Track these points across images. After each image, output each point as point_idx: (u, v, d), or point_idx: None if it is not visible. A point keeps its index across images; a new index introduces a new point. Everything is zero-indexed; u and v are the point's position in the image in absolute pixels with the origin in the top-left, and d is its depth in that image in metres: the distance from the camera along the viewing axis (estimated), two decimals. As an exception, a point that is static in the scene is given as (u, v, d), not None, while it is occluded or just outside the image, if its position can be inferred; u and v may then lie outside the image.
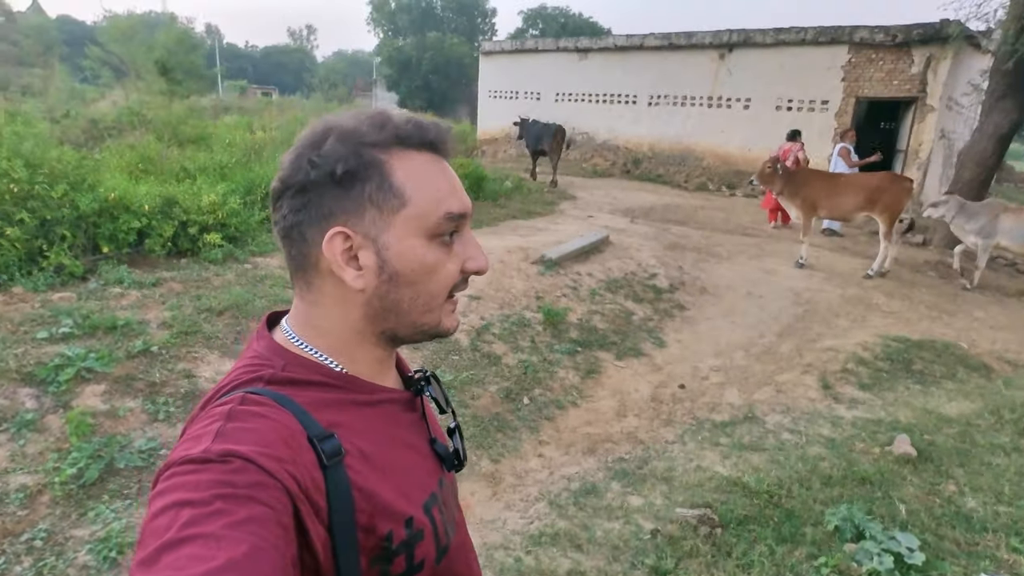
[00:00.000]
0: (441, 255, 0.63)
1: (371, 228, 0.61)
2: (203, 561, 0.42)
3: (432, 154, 0.65)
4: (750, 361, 4.61)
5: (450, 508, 0.72)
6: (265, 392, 0.58)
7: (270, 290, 4.03)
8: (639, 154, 14.62)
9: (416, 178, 0.62)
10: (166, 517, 0.45)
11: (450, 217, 0.63)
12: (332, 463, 0.56)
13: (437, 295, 0.64)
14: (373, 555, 0.58)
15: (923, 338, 5.22)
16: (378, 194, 0.61)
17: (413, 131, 0.63)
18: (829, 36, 11.55)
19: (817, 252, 7.83)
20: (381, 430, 0.65)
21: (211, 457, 0.49)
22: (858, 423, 3.72)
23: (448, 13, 47.78)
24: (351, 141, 0.61)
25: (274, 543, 0.46)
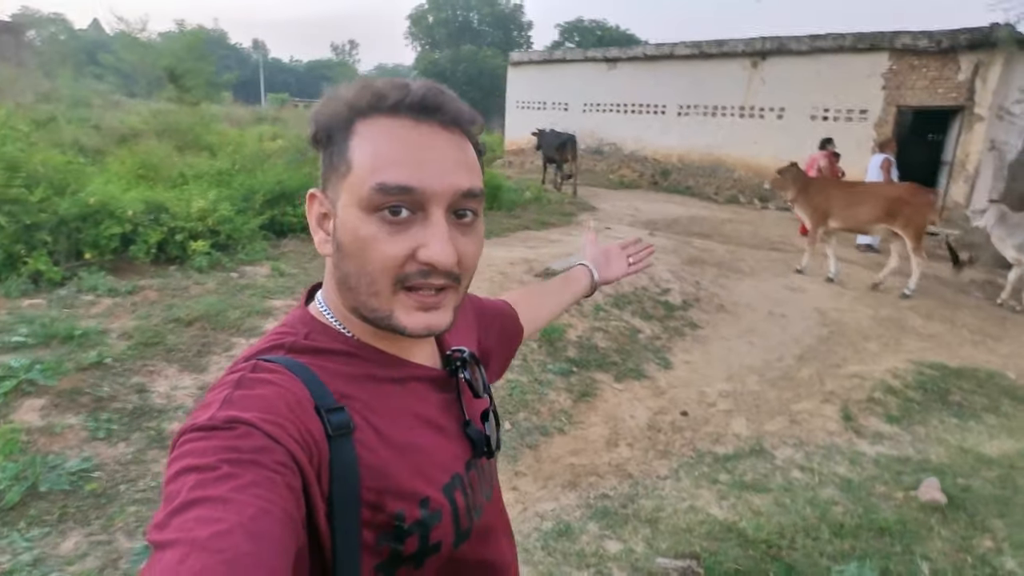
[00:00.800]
0: (378, 232, 0.57)
1: (332, 193, 0.60)
2: (211, 523, 0.42)
3: (411, 119, 0.58)
4: (764, 387, 4.22)
5: (478, 492, 0.69)
6: (280, 360, 0.58)
7: (248, 300, 3.85)
8: (668, 165, 14.21)
9: (366, 144, 0.58)
10: (176, 483, 0.46)
11: (383, 188, 0.56)
12: (337, 435, 0.55)
13: (376, 277, 0.58)
14: (382, 532, 0.57)
15: (963, 365, 4.74)
16: (336, 158, 0.59)
17: (392, 93, 0.58)
18: (868, 43, 11.00)
19: (849, 269, 7.34)
20: (402, 408, 0.63)
21: (217, 424, 0.49)
22: (881, 462, 3.31)
23: (485, 27, 48.16)
24: (335, 103, 0.60)
25: (282, 505, 0.46)
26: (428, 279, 0.59)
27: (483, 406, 0.73)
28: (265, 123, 16.10)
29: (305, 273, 4.56)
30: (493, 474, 0.76)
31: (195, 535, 0.41)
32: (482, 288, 4.87)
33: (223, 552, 0.41)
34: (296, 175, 5.88)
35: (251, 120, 17.04)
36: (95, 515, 2.29)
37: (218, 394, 0.54)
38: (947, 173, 10.66)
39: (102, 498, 2.36)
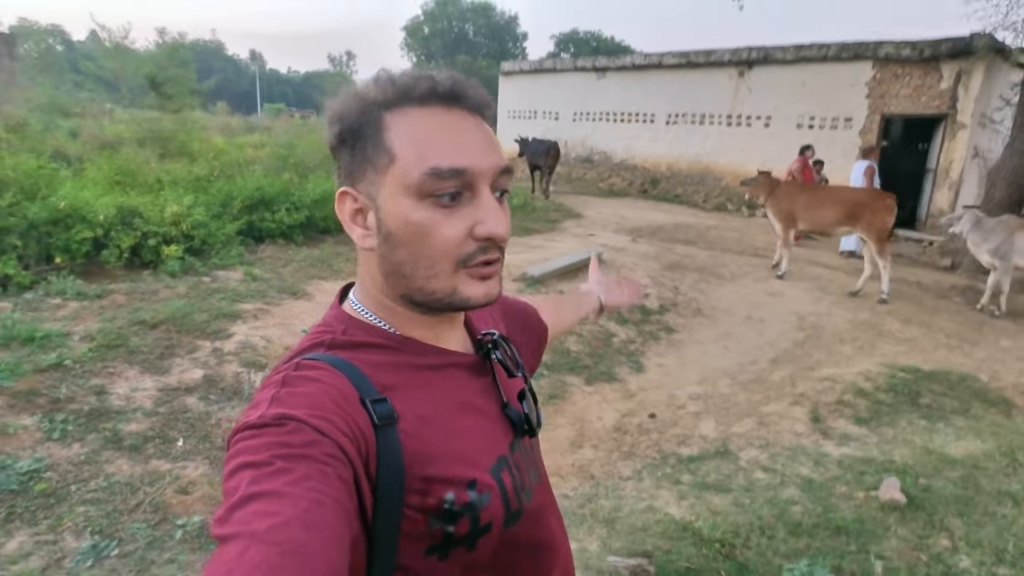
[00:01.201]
0: (434, 216, 0.59)
1: (370, 187, 0.61)
2: (269, 516, 0.44)
3: (442, 107, 0.61)
4: (735, 390, 4.23)
5: (525, 472, 0.70)
6: (321, 357, 0.59)
7: (217, 304, 3.85)
8: (657, 174, 14.28)
9: (407, 133, 0.59)
10: (233, 480, 0.47)
11: (436, 173, 0.58)
12: (383, 424, 0.56)
13: (437, 260, 0.60)
14: (433, 515, 0.58)
15: (936, 368, 4.75)
16: (373, 152, 0.60)
17: (416, 83, 0.60)
18: (852, 52, 11.11)
19: (831, 275, 7.38)
20: (443, 394, 0.64)
21: (267, 421, 0.51)
22: (845, 462, 3.32)
23: (480, 38, 48.50)
24: (356, 100, 0.61)
25: (334, 496, 0.47)
26: (485, 254, 0.61)
27: (519, 386, 0.74)
28: (257, 132, 16.18)
29: (279, 278, 4.57)
30: (538, 455, 0.77)
31: (254, 528, 0.43)
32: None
33: (281, 544, 0.43)
34: (276, 181, 5.91)
35: (243, 129, 17.11)
36: (43, 515, 2.28)
37: (265, 393, 0.56)
38: (931, 180, 10.74)
39: (52, 498, 2.35)
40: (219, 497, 2.56)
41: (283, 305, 4.05)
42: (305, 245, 5.72)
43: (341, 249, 5.66)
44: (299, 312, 3.97)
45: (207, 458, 2.71)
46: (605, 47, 42.30)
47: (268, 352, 3.47)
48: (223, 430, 2.88)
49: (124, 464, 2.58)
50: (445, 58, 40.69)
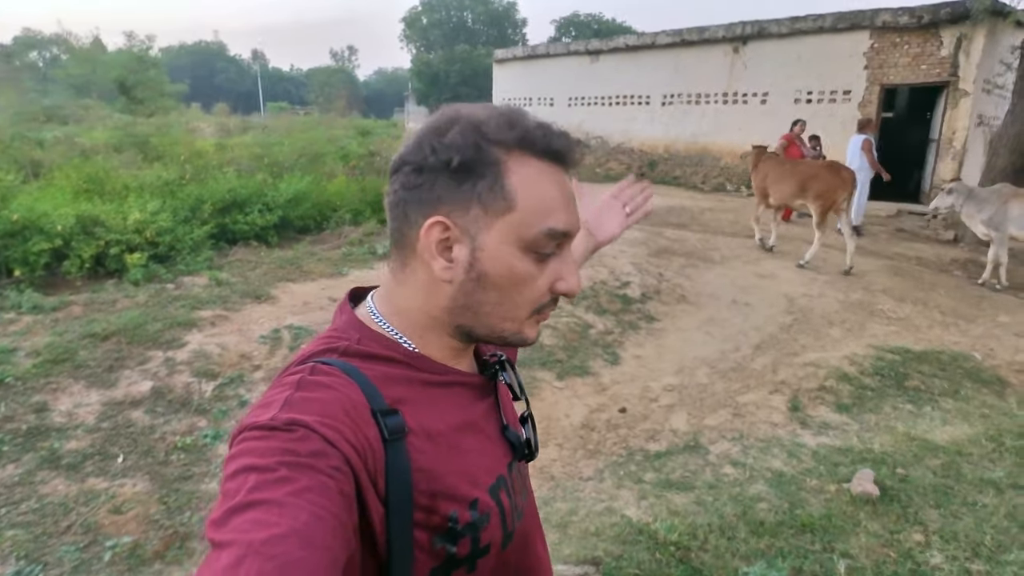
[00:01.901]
0: (533, 269, 0.61)
1: (471, 225, 0.60)
2: (267, 527, 0.43)
3: (554, 165, 0.63)
4: (713, 379, 4.09)
5: (519, 495, 0.70)
6: (336, 363, 0.59)
7: (175, 311, 3.78)
8: (654, 156, 14.05)
9: (529, 186, 0.60)
10: (236, 481, 0.47)
11: (551, 234, 0.61)
12: (393, 438, 0.56)
13: (520, 307, 0.63)
14: (437, 534, 0.58)
15: (928, 348, 4.58)
16: (488, 193, 0.60)
17: (539, 137, 0.61)
18: (849, 22, 10.78)
19: (827, 253, 7.17)
20: (450, 411, 0.64)
21: (277, 425, 0.50)
22: (820, 453, 3.18)
23: (479, 26, 48.01)
24: (475, 134, 0.60)
25: (334, 511, 0.47)
26: (556, 305, 0.65)
27: (520, 410, 0.75)
28: (250, 132, 16.13)
29: (245, 282, 4.48)
30: (528, 479, 0.78)
31: (251, 537, 0.43)
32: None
33: (276, 558, 0.42)
34: (250, 182, 5.82)
35: (240, 129, 17.07)
36: (-31, 540, 2.22)
37: (279, 394, 0.54)
38: (935, 151, 10.43)
39: (-20, 522, 2.29)
40: (153, 516, 2.50)
41: (244, 310, 3.97)
42: (279, 247, 5.64)
43: (315, 249, 5.58)
44: (259, 317, 3.89)
45: (147, 473, 2.64)
46: (607, 29, 41.63)
47: (222, 360, 3.39)
48: (167, 444, 2.81)
49: (60, 484, 2.52)
50: (445, 48, 40.32)
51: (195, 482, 2.65)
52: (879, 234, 8.40)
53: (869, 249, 7.58)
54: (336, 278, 4.77)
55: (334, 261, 5.17)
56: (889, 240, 8.14)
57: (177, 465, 2.71)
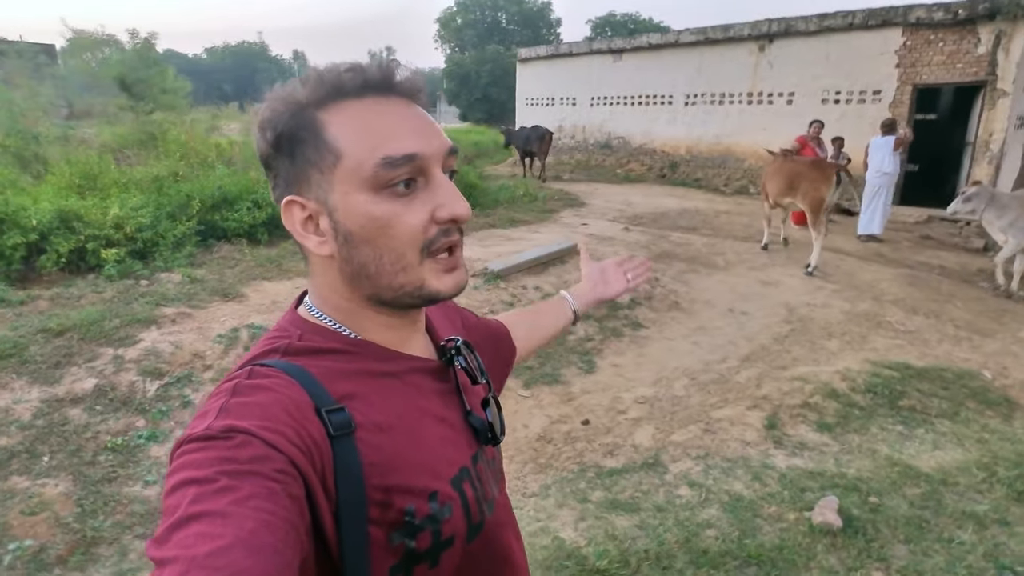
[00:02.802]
0: (394, 207, 0.58)
1: (319, 192, 0.58)
2: (210, 539, 0.42)
3: (378, 97, 0.59)
4: (691, 391, 3.88)
5: (487, 484, 0.68)
6: (276, 364, 0.57)
7: (138, 309, 3.76)
8: (676, 157, 13.71)
9: (349, 128, 0.57)
10: (175, 496, 0.45)
11: (389, 162, 0.56)
12: (339, 435, 0.54)
13: (403, 252, 0.59)
14: (394, 529, 0.56)
15: (932, 365, 4.27)
16: (315, 154, 0.57)
17: (351, 78, 0.58)
18: (880, 18, 10.29)
19: (841, 261, 6.83)
20: (403, 402, 0.62)
21: (213, 434, 0.49)
22: (789, 476, 2.95)
23: (513, 26, 47.94)
24: (283, 104, 0.58)
25: (283, 516, 0.45)
26: (448, 236, 0.60)
27: (482, 393, 0.72)
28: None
29: (219, 280, 4.45)
30: (500, 467, 0.75)
31: (194, 552, 0.41)
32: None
33: (221, 570, 0.40)
34: (242, 179, 5.82)
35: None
36: None
37: (215, 402, 0.53)
38: (970, 154, 9.87)
39: None
40: (65, 519, 2.45)
41: (209, 308, 3.93)
42: (268, 244, 5.62)
43: (296, 249, 5.53)
44: (223, 315, 3.84)
45: (72, 473, 2.60)
46: (643, 29, 41.07)
47: (173, 359, 3.34)
48: (98, 444, 2.76)
49: (-19, 481, 2.49)
50: (477, 48, 40.40)
51: (118, 484, 2.59)
52: (902, 241, 7.97)
53: (889, 257, 7.19)
54: (313, 277, 4.71)
55: (316, 260, 5.11)
56: (912, 248, 7.71)
57: (103, 466, 2.66)
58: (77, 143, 7.29)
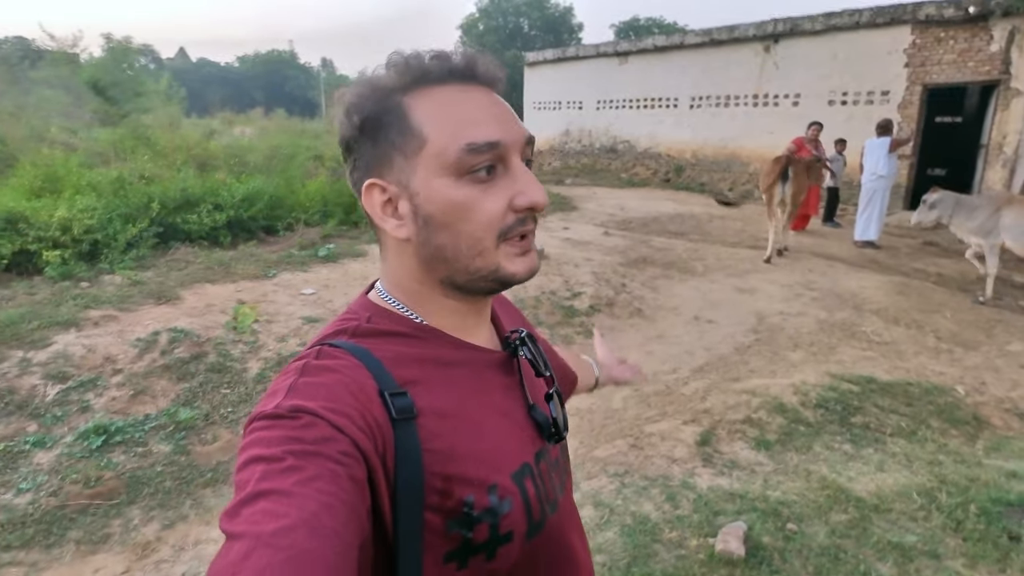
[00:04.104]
0: (474, 192, 0.58)
1: (400, 176, 0.60)
2: (276, 517, 0.43)
3: (461, 84, 0.60)
4: (630, 404, 3.68)
5: (550, 484, 0.67)
6: (344, 345, 0.58)
7: (66, 310, 3.72)
8: (681, 161, 13.42)
9: (434, 113, 0.58)
10: (245, 472, 0.47)
11: (473, 148, 0.57)
12: (401, 419, 0.55)
13: (481, 237, 0.59)
14: (452, 518, 0.56)
15: (899, 379, 3.99)
16: (400, 139, 0.59)
17: (436, 66, 0.60)
18: (888, 16, 9.91)
19: (828, 267, 6.53)
20: (466, 392, 0.62)
21: (281, 413, 0.50)
22: (706, 498, 2.74)
23: (535, 31, 47.91)
24: (370, 88, 0.60)
25: (344, 498, 0.46)
26: (524, 224, 0.61)
27: (546, 387, 0.71)
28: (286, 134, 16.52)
29: (162, 283, 4.39)
30: (566, 465, 0.75)
31: (260, 529, 0.42)
32: (332, 301, 4.57)
33: (285, 549, 0.41)
34: (208, 181, 5.80)
35: (278, 131, 17.55)
36: None
37: (284, 381, 0.54)
38: (983, 157, 9.41)
39: None
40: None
41: (139, 311, 3.87)
42: (230, 247, 5.58)
43: (259, 251, 5.47)
44: (150, 319, 3.77)
45: (-57, 480, 2.53)
46: (668, 33, 40.61)
47: (83, 362, 3.28)
48: (-22, 449, 2.69)
49: None
50: (497, 54, 40.45)
51: (-11, 491, 2.52)
52: (901, 248, 7.60)
53: (883, 264, 6.85)
54: (259, 280, 4.63)
55: (270, 263, 5.04)
56: (911, 254, 7.34)
57: (-20, 472, 2.58)
58: (56, 145, 7.38)
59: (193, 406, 3.16)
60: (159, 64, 62.18)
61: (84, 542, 2.36)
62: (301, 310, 4.18)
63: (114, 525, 2.46)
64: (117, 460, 2.76)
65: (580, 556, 0.72)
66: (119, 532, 2.43)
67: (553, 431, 0.68)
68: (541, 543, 0.63)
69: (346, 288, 4.65)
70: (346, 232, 6.33)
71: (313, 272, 4.97)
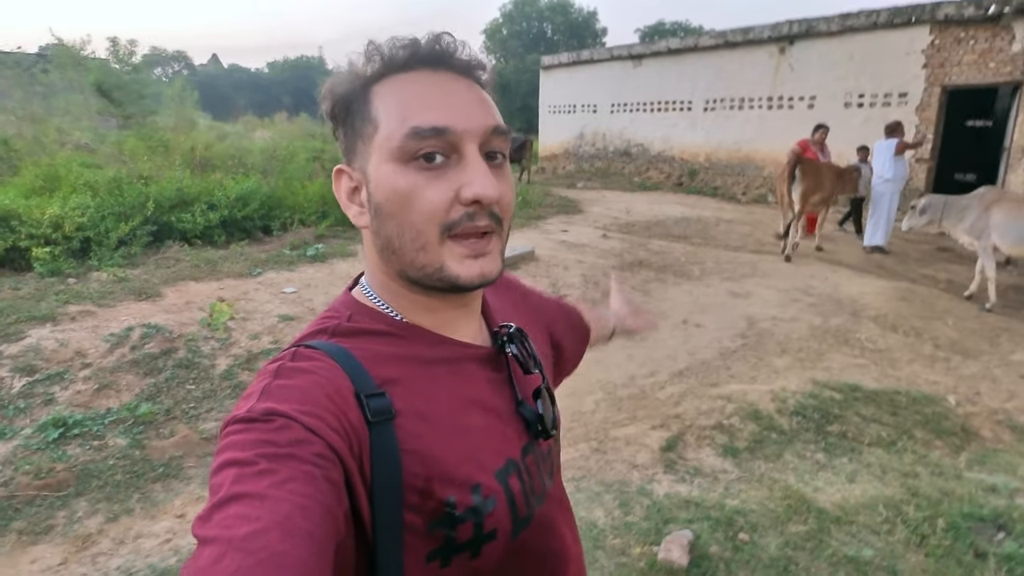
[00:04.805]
0: (417, 180, 0.55)
1: (360, 161, 0.59)
2: (248, 521, 0.42)
3: (428, 70, 0.58)
4: (601, 407, 3.61)
5: (537, 478, 0.65)
6: (322, 345, 0.57)
7: (46, 305, 3.78)
8: (695, 165, 13.24)
9: (390, 99, 0.57)
10: (219, 476, 0.46)
11: (416, 132, 0.55)
12: (377, 421, 0.54)
13: (422, 229, 0.56)
14: (434, 519, 0.55)
15: (888, 387, 3.84)
16: (360, 123, 0.58)
17: (400, 50, 0.58)
18: (906, 16, 9.65)
19: (833, 271, 6.35)
20: (449, 390, 0.60)
21: (254, 416, 0.49)
22: (660, 505, 2.66)
23: (559, 36, 47.86)
24: (342, 80, 0.60)
25: (319, 500, 0.46)
26: (474, 221, 0.57)
27: (535, 383, 0.69)
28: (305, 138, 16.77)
29: (146, 280, 4.46)
30: (555, 458, 0.73)
31: (232, 533, 0.42)
32: (311, 301, 4.58)
33: (257, 552, 0.41)
34: (205, 180, 5.88)
35: (298, 135, 17.82)
36: None
37: (259, 384, 0.53)
38: (1004, 161, 9.09)
39: None
40: None
41: (118, 307, 3.93)
42: (224, 246, 5.64)
43: (250, 250, 5.53)
44: (126, 315, 3.82)
45: (-100, 468, 2.58)
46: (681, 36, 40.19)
47: (53, 356, 3.33)
48: (-62, 438, 2.75)
49: None
50: (520, 58, 40.52)
51: (-59, 481, 2.56)
52: (911, 253, 7.36)
53: (890, 269, 6.64)
54: (243, 278, 4.67)
55: (257, 262, 5.08)
56: (921, 260, 7.10)
57: (-65, 461, 2.63)
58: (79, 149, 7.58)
59: (156, 401, 3.19)
60: (192, 70, 63.81)
61: (26, 532, 2.39)
62: (279, 308, 4.20)
63: (59, 517, 2.48)
64: (72, 453, 2.79)
65: (569, 547, 0.70)
66: (63, 524, 2.45)
67: (541, 428, 0.66)
68: (529, 537, 0.62)
69: (328, 287, 4.66)
70: (341, 232, 6.36)
71: (299, 271, 5.00)
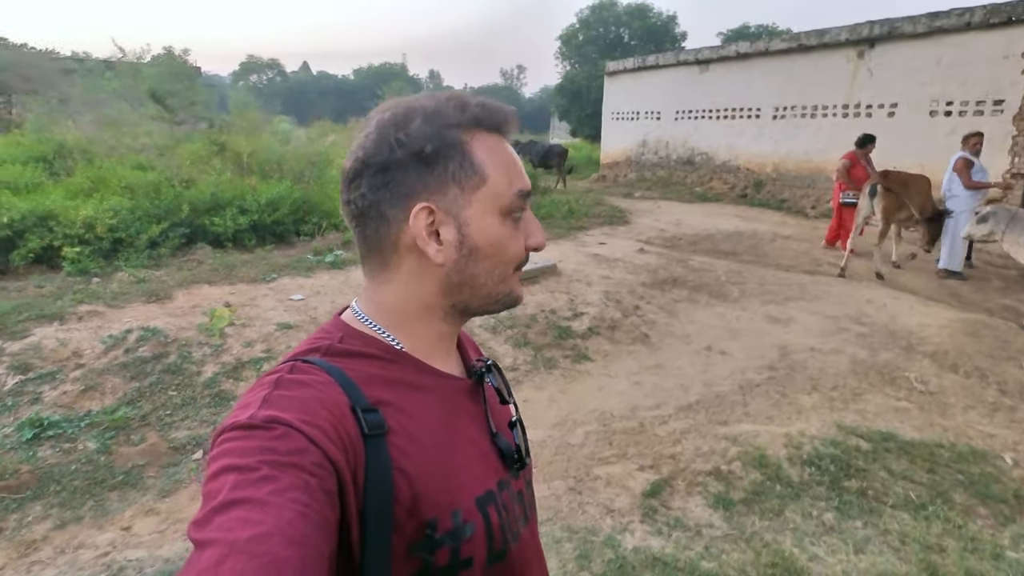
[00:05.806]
0: (513, 231, 0.66)
1: (452, 205, 0.63)
2: (251, 525, 0.43)
3: (500, 136, 0.67)
4: (590, 440, 3.33)
5: (513, 515, 0.69)
6: (316, 361, 0.59)
7: (59, 304, 3.93)
8: (761, 175, 12.52)
9: (493, 158, 0.65)
10: (217, 481, 0.47)
11: (522, 195, 0.66)
12: (373, 434, 0.56)
13: (508, 267, 0.67)
14: (414, 540, 0.57)
15: (931, 438, 3.36)
16: (460, 172, 0.63)
17: (487, 114, 0.66)
18: (1004, 15, 8.69)
19: (895, 297, 5.74)
20: (435, 416, 0.64)
21: (256, 423, 0.51)
22: (622, 561, 2.38)
23: (636, 41, 46.96)
24: (436, 122, 0.63)
25: (318, 509, 0.47)
26: (526, 261, 0.70)
27: (508, 415, 0.75)
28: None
29: (163, 281, 4.58)
30: (528, 502, 0.75)
31: (235, 536, 0.42)
32: (318, 309, 4.53)
33: (261, 556, 0.42)
34: (239, 185, 6.03)
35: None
36: None
37: (257, 394, 0.55)
38: (1118, 177, 7.98)
39: None
40: None
41: (127, 308, 4.03)
42: (251, 250, 5.75)
43: (274, 254, 5.59)
44: (130, 316, 3.90)
45: None
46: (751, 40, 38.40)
47: (51, 355, 3.42)
48: (-77, 432, 2.85)
49: None
50: (594, 65, 40.07)
51: (-85, 475, 2.64)
52: (993, 279, 6.55)
53: (965, 298, 5.92)
54: (255, 284, 4.71)
55: (276, 267, 5.13)
56: (1005, 288, 6.30)
57: (-86, 455, 2.72)
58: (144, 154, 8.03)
59: (135, 405, 3.21)
60: (284, 77, 67.42)
61: (-25, 535, 2.41)
62: (280, 316, 4.18)
63: (10, 519, 2.50)
64: (42, 454, 2.83)
65: None
66: (12, 527, 2.47)
67: (517, 458, 0.70)
68: (501, 572, 0.64)
69: (336, 296, 4.62)
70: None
71: (314, 278, 5.00)
